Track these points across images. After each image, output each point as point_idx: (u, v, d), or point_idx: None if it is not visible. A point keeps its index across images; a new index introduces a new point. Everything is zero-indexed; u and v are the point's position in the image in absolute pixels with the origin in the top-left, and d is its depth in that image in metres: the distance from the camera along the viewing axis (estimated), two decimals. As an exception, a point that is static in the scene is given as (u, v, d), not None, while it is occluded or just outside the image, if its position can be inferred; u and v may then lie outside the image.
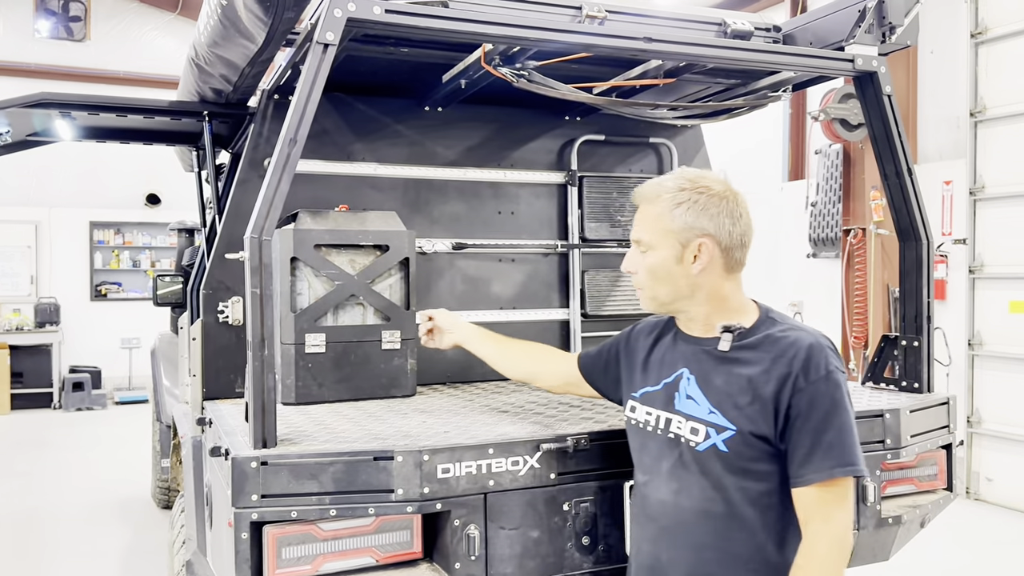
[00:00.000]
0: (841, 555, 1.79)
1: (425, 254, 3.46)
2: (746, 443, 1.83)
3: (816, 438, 1.80)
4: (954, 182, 6.79)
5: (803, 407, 1.81)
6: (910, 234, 2.95)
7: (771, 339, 1.89)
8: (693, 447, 1.90)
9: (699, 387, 1.93)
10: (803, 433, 1.81)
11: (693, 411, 1.92)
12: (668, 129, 3.91)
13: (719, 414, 1.87)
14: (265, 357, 2.11)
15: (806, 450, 1.80)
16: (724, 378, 1.89)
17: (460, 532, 2.14)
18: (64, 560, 5.37)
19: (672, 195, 1.95)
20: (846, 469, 1.79)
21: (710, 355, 1.94)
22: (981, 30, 6.59)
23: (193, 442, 3.11)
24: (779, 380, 1.82)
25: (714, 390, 1.90)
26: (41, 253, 12.11)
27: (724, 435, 1.85)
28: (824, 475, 1.78)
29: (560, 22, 2.50)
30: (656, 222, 1.96)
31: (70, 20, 12.24)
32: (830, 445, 1.79)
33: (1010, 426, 6.40)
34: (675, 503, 1.92)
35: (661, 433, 1.98)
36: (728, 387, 1.88)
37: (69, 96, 3.41)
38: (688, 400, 1.94)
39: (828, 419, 1.80)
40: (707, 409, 1.89)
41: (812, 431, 1.80)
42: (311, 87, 2.18)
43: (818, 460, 1.79)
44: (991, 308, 6.59)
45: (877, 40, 2.85)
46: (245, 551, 2.02)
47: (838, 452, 1.79)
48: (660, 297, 2.00)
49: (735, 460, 1.85)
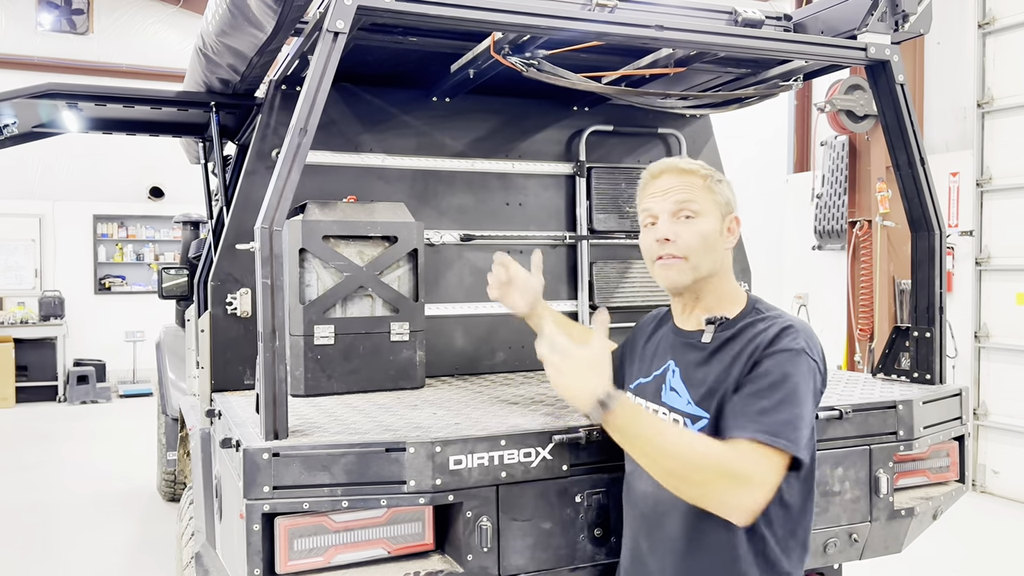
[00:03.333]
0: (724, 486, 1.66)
1: (433, 245, 3.45)
2: (717, 433, 1.79)
3: (752, 401, 1.72)
4: (961, 173, 6.76)
5: (756, 373, 1.76)
6: (922, 224, 2.93)
7: (749, 327, 1.87)
8: None
9: (682, 379, 1.93)
10: (742, 395, 1.75)
11: (675, 403, 1.92)
12: (677, 119, 3.89)
13: (694, 404, 1.86)
14: (276, 348, 2.09)
15: (736, 408, 1.74)
16: (704, 370, 1.88)
17: (472, 524, 2.13)
18: (70, 553, 5.37)
19: (708, 171, 1.98)
20: (771, 439, 1.66)
21: (694, 347, 1.94)
22: (989, 20, 6.55)
23: (202, 434, 3.10)
24: (746, 358, 1.80)
25: (695, 382, 1.89)
26: (45, 246, 12.11)
27: (699, 425, 1.83)
28: (746, 434, 1.68)
29: (571, 10, 2.47)
30: (705, 192, 1.95)
31: (73, 13, 12.23)
32: (763, 411, 1.70)
33: (1017, 419, 6.38)
34: (655, 495, 1.91)
35: None
36: (707, 379, 1.86)
37: (75, 87, 3.40)
38: (671, 392, 1.94)
39: (772, 388, 1.72)
40: (686, 401, 1.89)
41: (750, 394, 1.74)
42: (321, 76, 2.16)
43: (744, 420, 1.70)
44: (998, 300, 6.56)
45: (890, 28, 2.82)
46: (257, 543, 2.01)
47: (769, 420, 1.68)
48: (702, 268, 1.95)
49: None
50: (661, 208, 1.97)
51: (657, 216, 1.98)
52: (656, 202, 1.98)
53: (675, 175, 1.97)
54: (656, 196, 1.99)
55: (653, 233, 1.98)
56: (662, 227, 1.95)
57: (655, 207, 1.98)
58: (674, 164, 2.01)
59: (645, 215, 2.02)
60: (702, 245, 1.93)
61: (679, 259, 1.93)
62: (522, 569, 2.19)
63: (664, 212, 1.96)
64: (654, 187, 2.00)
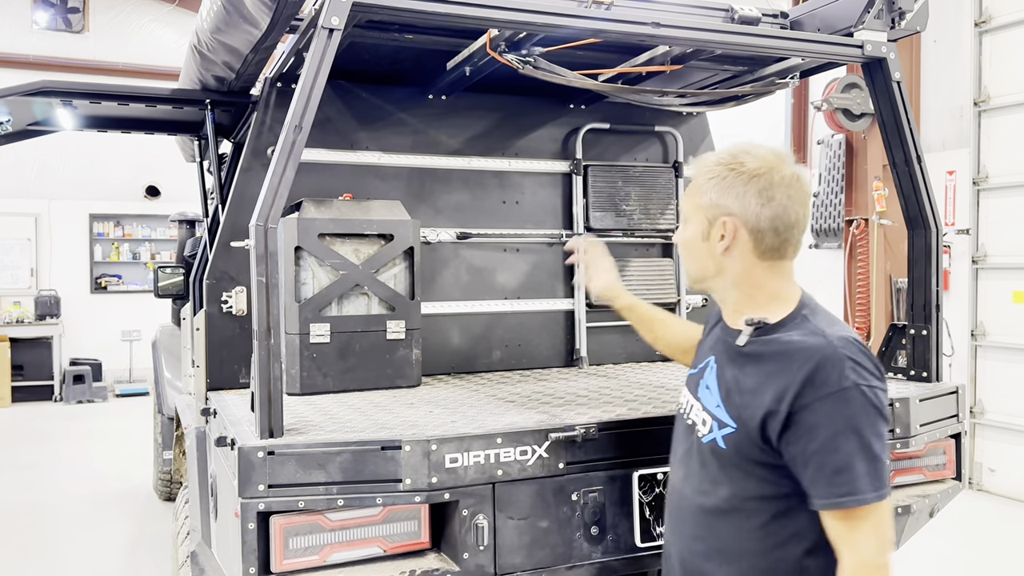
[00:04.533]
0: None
1: (430, 243, 3.44)
2: (744, 444, 1.72)
3: (823, 460, 1.61)
4: (957, 172, 6.76)
5: (808, 423, 1.62)
6: (919, 222, 2.92)
7: (786, 340, 1.72)
8: (700, 437, 1.84)
9: (716, 377, 1.86)
10: (809, 454, 1.62)
11: (706, 401, 1.86)
12: (673, 117, 3.88)
13: (723, 409, 1.78)
14: (271, 346, 2.09)
15: (812, 474, 1.63)
16: (735, 373, 1.79)
17: (468, 522, 2.13)
18: (67, 552, 5.36)
19: (708, 169, 1.86)
20: (856, 499, 1.58)
21: (730, 348, 1.85)
22: (985, 19, 6.55)
23: (197, 433, 3.09)
24: (782, 387, 1.66)
25: (725, 384, 1.81)
26: (41, 246, 12.08)
27: (724, 431, 1.76)
28: (832, 503, 1.61)
29: (567, 7, 2.47)
30: (691, 196, 1.89)
31: (68, 11, 12.20)
32: (837, 471, 1.59)
33: (1013, 417, 6.38)
34: (680, 490, 1.89)
35: (684, 417, 1.94)
36: (737, 383, 1.78)
37: (71, 84, 3.40)
38: (706, 389, 1.87)
39: (836, 441, 1.60)
40: (715, 401, 1.81)
41: (818, 452, 1.61)
42: (316, 73, 2.15)
43: (823, 487, 1.61)
44: (994, 298, 6.57)
45: (886, 26, 2.82)
46: (252, 541, 2.00)
47: (846, 479, 1.59)
48: (691, 273, 1.93)
49: (732, 458, 1.74)
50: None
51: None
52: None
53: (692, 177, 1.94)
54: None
55: None
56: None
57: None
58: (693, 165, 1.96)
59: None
60: (684, 252, 1.93)
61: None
62: (518, 567, 2.19)
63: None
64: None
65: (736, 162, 1.79)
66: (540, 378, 3.31)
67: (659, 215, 3.80)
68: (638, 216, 3.77)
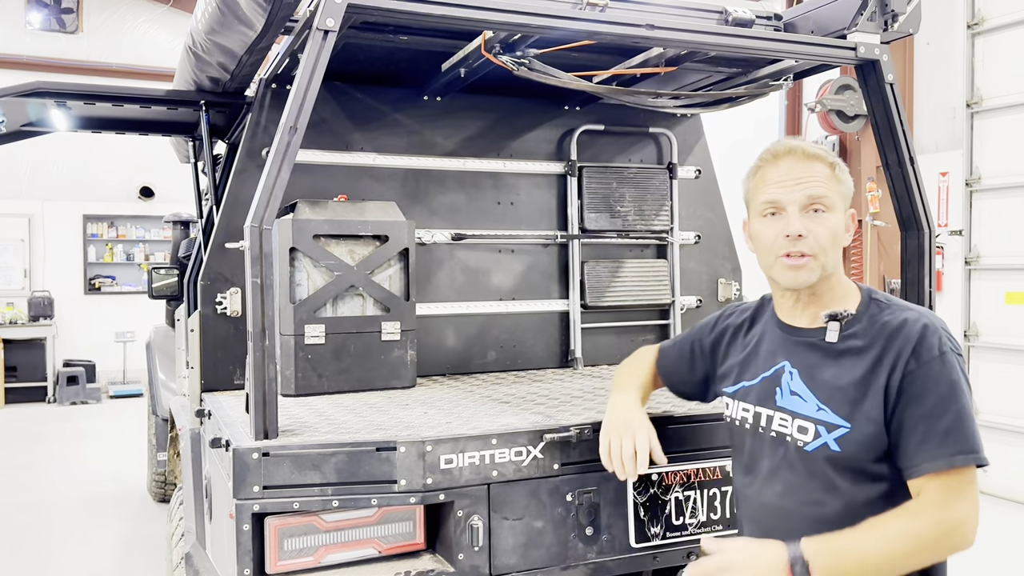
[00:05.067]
0: (948, 542, 1.61)
1: (424, 245, 3.44)
2: (861, 441, 1.69)
3: (931, 423, 1.64)
4: (950, 173, 6.78)
5: (915, 391, 1.66)
6: (912, 223, 2.93)
7: (879, 323, 1.74)
8: (801, 447, 1.76)
9: (804, 382, 1.79)
10: (917, 419, 1.65)
11: (799, 408, 1.79)
12: (668, 119, 3.89)
13: (829, 411, 1.73)
14: (266, 347, 2.09)
15: (920, 437, 1.64)
16: (834, 371, 1.75)
17: (463, 523, 2.13)
18: (60, 554, 5.34)
19: (834, 157, 1.80)
20: (968, 457, 1.63)
21: (815, 347, 1.80)
22: (978, 21, 6.58)
23: (192, 434, 3.09)
24: (890, 365, 1.68)
25: (822, 385, 1.76)
26: (34, 247, 12.04)
27: (836, 433, 1.71)
28: (943, 463, 1.62)
29: (562, 9, 2.47)
30: (835, 183, 1.79)
31: (62, 12, 12.17)
32: (947, 431, 1.63)
33: (1006, 417, 6.41)
34: (779, 506, 1.80)
35: (763, 431, 1.86)
36: (838, 381, 1.74)
37: (65, 85, 3.38)
38: (793, 396, 1.80)
39: (944, 403, 1.64)
40: (815, 406, 1.76)
41: (927, 416, 1.64)
42: (311, 74, 2.15)
43: (934, 447, 1.63)
44: (987, 299, 6.59)
45: (879, 28, 2.83)
46: (247, 543, 2.00)
47: (957, 438, 1.63)
48: (829, 266, 1.79)
49: (849, 460, 1.71)
50: (790, 199, 1.78)
51: (784, 207, 1.78)
52: (784, 192, 1.78)
53: (801, 159, 1.79)
54: (784, 185, 1.78)
55: (779, 226, 1.79)
56: (795, 222, 1.76)
57: (783, 197, 1.78)
58: (799, 146, 1.81)
59: (766, 204, 1.81)
60: (832, 242, 1.78)
61: (809, 257, 1.77)
62: (513, 568, 2.19)
63: (794, 204, 1.77)
64: (777, 172, 1.81)
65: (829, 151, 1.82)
66: (535, 379, 3.31)
67: (654, 216, 3.81)
68: (633, 217, 3.78)
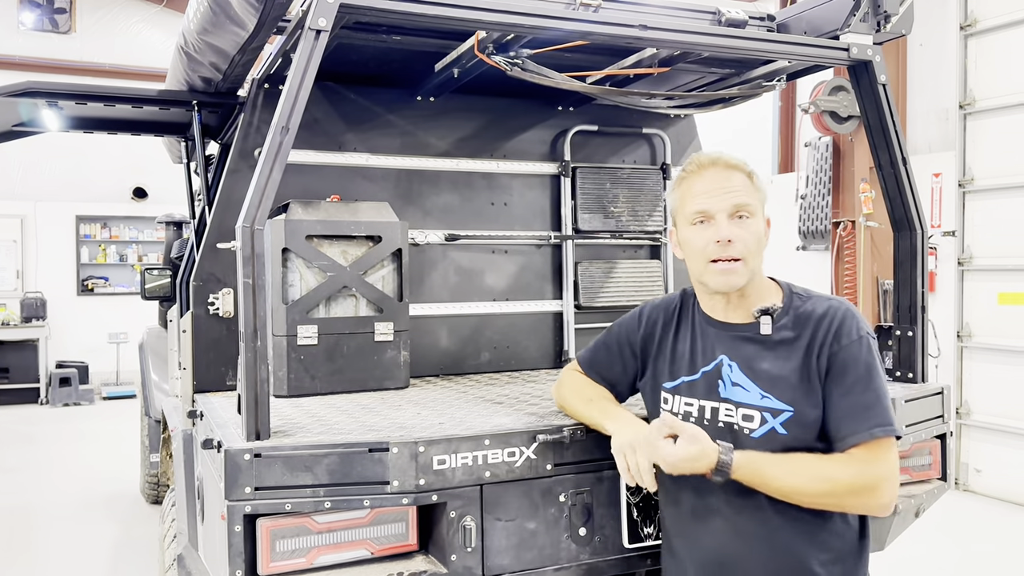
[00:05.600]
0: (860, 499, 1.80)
1: (418, 245, 3.44)
2: (804, 422, 1.84)
3: (854, 400, 1.81)
4: (943, 174, 6.80)
5: (837, 370, 1.83)
6: (904, 224, 2.94)
7: (804, 313, 1.91)
8: (748, 434, 1.89)
9: (744, 373, 1.92)
10: (839, 396, 1.82)
11: (742, 398, 1.91)
12: (661, 120, 3.89)
13: (772, 398, 1.87)
14: (258, 348, 2.08)
15: (843, 412, 1.82)
16: (770, 361, 1.89)
17: (456, 524, 2.13)
18: (53, 555, 5.32)
19: (750, 168, 1.96)
20: (886, 429, 1.80)
21: (751, 340, 1.93)
22: (970, 22, 6.60)
23: (184, 435, 3.07)
24: (818, 348, 1.85)
25: (762, 374, 1.89)
26: (27, 247, 11.99)
27: (781, 418, 1.85)
28: (864, 436, 1.79)
29: (555, 9, 2.47)
30: (754, 191, 1.94)
31: (55, 12, 12.13)
32: (867, 406, 1.80)
33: (999, 417, 6.43)
34: (738, 491, 1.88)
35: (708, 423, 1.95)
36: (777, 370, 1.88)
37: (56, 85, 3.37)
38: (735, 387, 1.93)
39: (863, 381, 1.82)
40: (759, 394, 1.89)
41: (848, 393, 1.82)
42: (303, 74, 2.15)
43: (856, 422, 1.80)
44: (980, 300, 6.61)
45: (872, 29, 2.84)
46: (238, 544, 1.99)
47: (877, 413, 1.80)
48: (756, 269, 1.94)
49: (795, 441, 1.85)
50: (719, 207, 1.89)
51: (713, 215, 1.90)
52: (712, 200, 1.90)
53: (724, 170, 1.92)
54: (712, 195, 1.90)
55: (709, 232, 1.90)
56: (724, 228, 1.88)
57: (712, 206, 1.90)
58: (721, 158, 1.95)
59: (696, 213, 1.92)
60: (757, 246, 1.92)
61: (739, 261, 1.90)
62: (506, 569, 2.19)
63: (722, 212, 1.89)
64: (704, 183, 1.92)
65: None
66: (528, 379, 3.31)
67: (647, 217, 3.81)
68: (626, 218, 3.78)
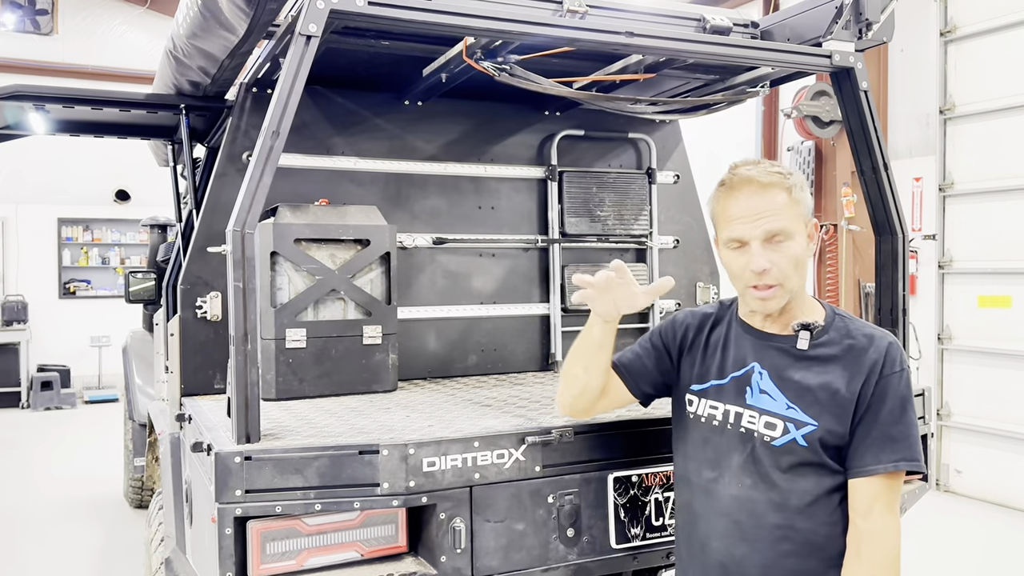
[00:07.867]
0: (899, 546, 1.81)
1: (406, 249, 3.45)
2: (825, 439, 1.84)
3: (885, 430, 1.82)
4: (924, 178, 6.89)
5: (876, 398, 1.83)
6: (886, 228, 2.98)
7: (847, 336, 1.89)
8: (768, 442, 1.89)
9: (774, 382, 1.91)
10: (871, 424, 1.83)
11: (768, 406, 1.90)
12: (647, 125, 3.93)
13: (798, 409, 1.86)
14: (248, 351, 2.09)
15: (872, 440, 1.82)
16: (802, 374, 1.88)
17: (446, 525, 2.14)
18: (36, 561, 5.28)
19: (785, 177, 1.87)
20: (912, 464, 1.82)
21: (785, 352, 1.92)
22: (950, 28, 6.69)
23: (171, 439, 3.07)
24: (865, 375, 1.84)
25: (792, 386, 1.88)
26: (8, 250, 11.89)
27: (804, 430, 1.85)
28: (890, 466, 1.80)
29: (542, 16, 2.50)
30: (791, 208, 1.86)
31: (37, 13, 12.04)
32: (897, 438, 1.82)
33: (979, 419, 6.51)
34: (749, 497, 1.90)
35: (731, 428, 1.95)
36: (807, 383, 1.87)
37: (43, 88, 3.36)
38: (762, 395, 1.92)
39: (897, 413, 1.83)
40: (784, 404, 1.88)
41: (881, 422, 1.82)
42: (293, 79, 2.16)
43: (886, 451, 1.81)
44: (960, 303, 6.69)
45: (854, 36, 2.88)
46: (229, 546, 2.00)
47: (905, 446, 1.81)
48: (794, 289, 1.90)
49: (812, 455, 1.85)
50: (752, 235, 1.85)
51: (747, 242, 1.87)
52: (746, 228, 1.86)
53: (758, 191, 1.85)
54: (744, 221, 1.86)
55: (744, 260, 1.88)
56: (758, 258, 1.85)
57: (745, 233, 1.86)
58: (755, 177, 1.87)
59: (730, 240, 1.90)
60: (795, 268, 1.87)
61: (774, 288, 1.87)
62: (495, 570, 2.20)
63: (756, 239, 1.85)
64: (738, 207, 1.87)
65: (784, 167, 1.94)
66: (516, 382, 3.33)
67: (633, 221, 3.84)
68: (612, 222, 3.81)
